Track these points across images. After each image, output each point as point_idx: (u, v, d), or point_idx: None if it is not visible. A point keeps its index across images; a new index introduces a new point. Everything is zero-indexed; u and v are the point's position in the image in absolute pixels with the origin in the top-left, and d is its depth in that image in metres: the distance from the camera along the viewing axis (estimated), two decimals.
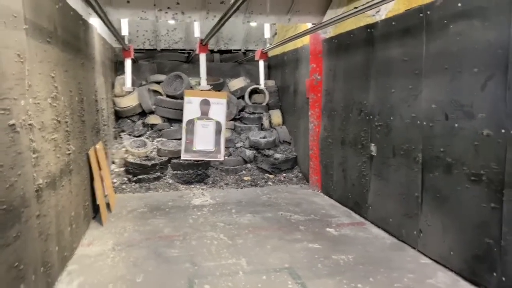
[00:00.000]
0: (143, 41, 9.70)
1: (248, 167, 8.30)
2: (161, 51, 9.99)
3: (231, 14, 4.62)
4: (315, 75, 7.23)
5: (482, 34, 3.51)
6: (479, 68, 3.55)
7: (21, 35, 2.95)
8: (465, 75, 3.71)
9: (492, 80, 3.42)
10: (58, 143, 3.92)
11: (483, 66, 3.50)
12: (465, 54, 3.72)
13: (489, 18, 3.44)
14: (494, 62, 3.40)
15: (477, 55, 3.58)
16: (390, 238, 4.98)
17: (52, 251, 3.63)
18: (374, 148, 5.40)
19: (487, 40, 3.46)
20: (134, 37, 9.50)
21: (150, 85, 9.02)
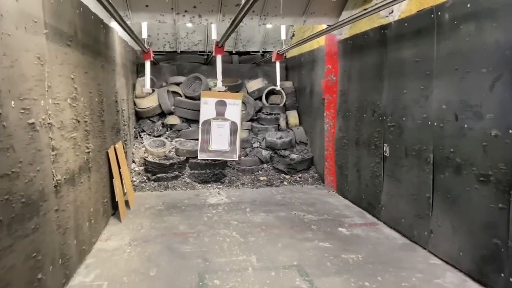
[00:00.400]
0: (164, 43, 9.92)
1: (264, 167, 8.39)
2: (181, 53, 10.20)
3: (242, 16, 4.72)
4: (331, 76, 7.27)
5: (491, 35, 3.52)
6: (487, 68, 3.55)
7: (41, 39, 3.14)
8: (474, 76, 3.72)
9: (500, 81, 3.42)
10: (77, 141, 4.11)
11: (492, 66, 3.51)
12: (474, 55, 3.72)
13: (497, 19, 3.45)
14: (502, 62, 3.40)
15: (485, 55, 3.58)
16: (401, 238, 4.99)
17: (70, 244, 3.81)
18: (387, 148, 5.42)
19: (495, 40, 3.46)
20: (154, 39, 9.74)
21: (170, 87, 9.24)
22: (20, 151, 2.70)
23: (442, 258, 4.27)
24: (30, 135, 2.88)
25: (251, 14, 6.67)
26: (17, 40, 2.70)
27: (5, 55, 2.50)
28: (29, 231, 2.84)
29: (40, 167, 3.06)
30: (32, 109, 2.92)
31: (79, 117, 4.20)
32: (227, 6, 6.41)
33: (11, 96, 2.58)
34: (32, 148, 2.90)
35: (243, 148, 8.63)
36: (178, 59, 10.19)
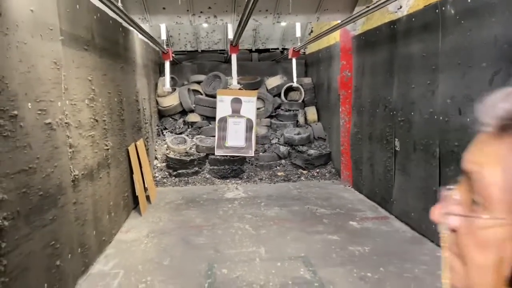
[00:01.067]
0: (185, 43, 10.21)
1: (282, 163, 8.54)
2: (202, 52, 10.46)
3: (247, 16, 4.87)
4: (345, 72, 7.33)
5: (490, 30, 3.55)
6: (487, 63, 3.58)
7: (57, 45, 3.41)
8: (475, 70, 3.75)
9: (499, 75, 3.45)
10: (95, 139, 4.40)
11: (491, 61, 3.54)
12: (475, 50, 3.75)
13: (496, 14, 3.47)
14: (501, 57, 3.43)
15: (485, 50, 3.61)
16: (411, 232, 5.04)
17: (89, 235, 4.10)
18: (397, 143, 5.47)
19: (494, 35, 3.49)
20: (176, 40, 10.04)
21: (191, 85, 9.51)
22: (37, 149, 2.98)
23: None
24: (46, 134, 3.15)
25: (264, 13, 6.83)
26: (33, 47, 2.97)
27: (21, 62, 2.77)
28: (47, 222, 3.12)
29: (58, 163, 3.33)
30: (48, 110, 3.20)
31: (97, 117, 4.49)
32: (240, 6, 6.58)
33: (28, 99, 2.85)
34: (49, 146, 3.18)
35: (262, 144, 8.81)
36: (199, 58, 10.45)
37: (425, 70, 4.66)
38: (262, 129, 9.10)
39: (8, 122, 2.56)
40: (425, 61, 4.66)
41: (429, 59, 4.56)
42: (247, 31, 9.98)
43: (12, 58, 2.65)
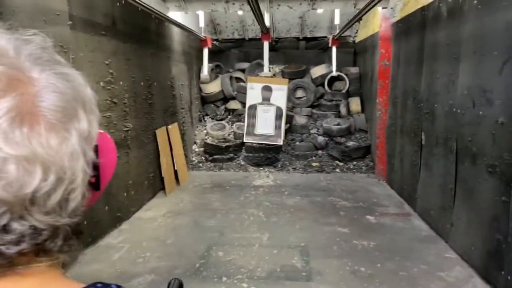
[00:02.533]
0: (232, 31, 10.34)
1: (319, 154, 8.40)
2: (249, 40, 10.52)
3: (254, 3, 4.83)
4: (384, 61, 7.00)
5: (502, 15, 3.21)
6: (498, 51, 3.26)
7: (64, 29, 3.66)
8: (488, 59, 3.43)
9: (509, 63, 3.12)
10: (111, 120, 4.66)
11: (502, 48, 3.21)
12: (488, 37, 3.43)
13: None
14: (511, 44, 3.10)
15: (497, 37, 3.29)
16: (428, 230, 4.76)
17: (99, 208, 4.38)
18: (423, 136, 5.16)
19: (505, 21, 3.16)
20: (223, 27, 10.21)
21: (234, 73, 9.64)
22: None
23: (458, 253, 4.03)
24: None
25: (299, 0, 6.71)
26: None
27: None
28: None
29: None
30: None
31: (115, 99, 4.74)
32: None
33: None
34: None
35: (300, 134, 8.72)
36: (246, 46, 10.53)
37: (448, 60, 4.33)
38: (302, 118, 9.00)
39: None
40: (449, 50, 4.33)
41: (452, 48, 4.23)
42: (294, 19, 9.89)
43: None
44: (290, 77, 9.38)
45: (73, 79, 0.51)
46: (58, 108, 0.48)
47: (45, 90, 0.47)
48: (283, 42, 10.48)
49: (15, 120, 0.44)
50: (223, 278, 3.64)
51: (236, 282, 3.56)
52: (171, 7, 6.84)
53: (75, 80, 0.51)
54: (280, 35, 10.39)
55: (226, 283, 3.56)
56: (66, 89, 0.49)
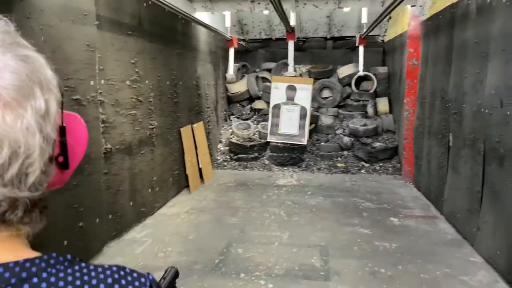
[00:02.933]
0: (259, 31, 10.38)
1: (344, 154, 8.31)
2: (276, 40, 10.53)
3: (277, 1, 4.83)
4: (412, 60, 6.87)
5: None
6: None
7: (91, 29, 3.78)
8: None
9: None
10: (137, 117, 4.78)
11: None
12: None
13: None
14: None
15: None
16: (454, 234, 4.64)
17: (123, 204, 4.50)
18: (451, 137, 5.03)
19: None
20: (250, 28, 10.26)
21: (260, 73, 9.68)
22: None
23: (484, 257, 3.91)
24: (74, 109, 3.53)
25: None
26: (61, 30, 3.34)
27: (46, 43, 3.15)
28: (71, 186, 3.51)
29: None
30: (78, 88, 3.58)
31: (140, 97, 4.86)
32: None
33: None
34: None
35: (326, 134, 8.66)
36: (273, 45, 10.55)
37: (476, 58, 4.21)
38: (327, 119, 8.94)
39: None
40: (477, 48, 4.21)
41: (480, 46, 4.11)
42: (322, 18, 9.83)
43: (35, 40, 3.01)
44: (316, 77, 9.33)
45: (33, 61, 0.55)
46: (14, 87, 0.51)
47: (2, 71, 0.51)
48: (310, 42, 10.43)
49: None
50: (241, 274, 3.67)
51: (254, 279, 3.58)
52: (197, 7, 6.94)
53: (34, 62, 0.55)
54: (307, 35, 10.35)
55: (244, 279, 3.59)
56: (23, 69, 0.52)
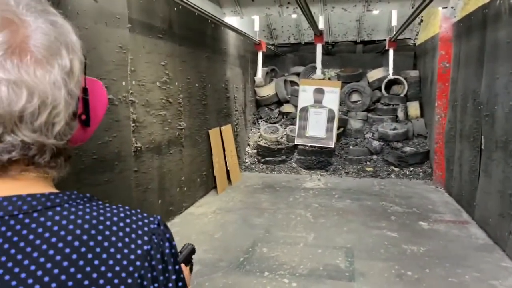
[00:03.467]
0: (288, 35, 10.42)
1: (373, 158, 8.21)
2: (305, 44, 10.54)
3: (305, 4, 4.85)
4: (444, 63, 6.74)
5: None
6: None
7: (124, 32, 3.93)
8: None
9: None
10: (166, 118, 4.91)
11: None
12: None
13: None
14: None
15: None
16: (486, 239, 4.51)
17: (152, 201, 4.62)
18: (483, 140, 4.90)
19: None
20: (279, 32, 10.32)
21: (288, 76, 9.71)
22: None
23: None
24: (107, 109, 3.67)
25: (353, 1, 6.66)
26: (95, 32, 3.50)
27: None
28: (101, 182, 3.65)
29: (118, 134, 3.85)
30: (110, 87, 3.72)
31: (170, 98, 4.99)
32: None
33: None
34: (107, 118, 3.70)
35: (355, 138, 8.59)
36: (302, 50, 10.57)
37: (509, 58, 4.10)
38: (357, 122, 8.86)
39: None
40: (509, 48, 4.10)
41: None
42: (351, 22, 9.77)
43: None
44: (345, 80, 9.27)
45: (61, 26, 0.62)
46: (44, 46, 0.59)
47: (35, 32, 0.59)
48: (339, 46, 10.39)
49: (7, 51, 0.56)
50: (265, 272, 3.69)
51: (278, 278, 3.60)
52: (227, 12, 7.06)
53: (62, 27, 0.62)
54: (336, 39, 10.31)
55: (268, 277, 3.61)
56: (52, 32, 0.60)
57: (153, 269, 0.63)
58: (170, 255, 0.66)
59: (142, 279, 0.61)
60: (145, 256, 0.62)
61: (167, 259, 0.65)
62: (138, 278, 0.60)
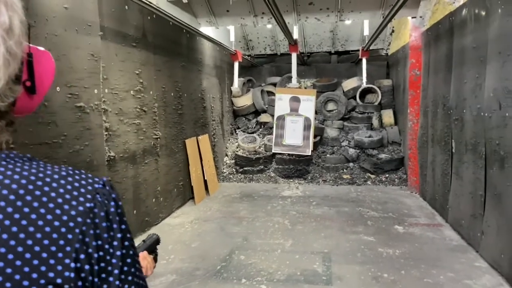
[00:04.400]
0: (264, 46, 10.52)
1: (350, 166, 8.30)
2: (281, 55, 10.66)
3: (278, 15, 4.91)
4: (415, 71, 6.91)
5: None
6: None
7: (95, 39, 3.89)
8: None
9: None
10: (141, 127, 4.85)
11: None
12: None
13: None
14: None
15: None
16: (459, 240, 4.58)
17: (127, 212, 4.46)
18: (453, 144, 5.02)
19: None
20: (255, 43, 10.41)
21: (265, 87, 9.78)
22: (64, 127, 3.44)
23: (489, 261, 3.85)
24: (77, 116, 3.62)
25: (326, 12, 6.78)
26: (66, 39, 3.45)
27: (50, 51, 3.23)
28: None
29: (90, 143, 3.79)
30: (81, 95, 3.66)
31: (145, 107, 4.95)
32: (300, 5, 6.65)
33: (56, 83, 3.33)
34: (79, 126, 3.64)
35: (332, 147, 8.67)
36: (278, 60, 10.68)
37: (475, 63, 4.24)
38: (333, 131, 8.96)
39: None
40: (475, 53, 4.24)
41: (478, 51, 4.15)
42: (325, 33, 9.95)
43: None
44: (321, 90, 9.39)
45: None
46: None
47: None
48: (314, 57, 10.55)
49: None
50: (242, 279, 3.66)
51: (255, 284, 3.57)
52: (202, 22, 7.09)
53: None
54: (311, 50, 10.47)
55: (245, 284, 3.57)
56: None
57: (96, 227, 0.63)
58: (115, 214, 0.66)
59: (84, 235, 0.61)
60: (88, 213, 0.62)
61: (112, 217, 0.66)
62: (79, 234, 0.60)
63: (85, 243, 0.60)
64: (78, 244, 0.59)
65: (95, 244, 0.62)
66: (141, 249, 1.29)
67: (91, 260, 0.61)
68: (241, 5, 6.71)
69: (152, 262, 1.26)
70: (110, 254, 0.64)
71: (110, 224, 0.65)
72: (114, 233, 0.65)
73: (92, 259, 0.61)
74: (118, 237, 0.65)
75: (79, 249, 0.59)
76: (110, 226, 0.65)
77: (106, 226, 0.64)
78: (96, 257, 0.62)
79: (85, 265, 0.60)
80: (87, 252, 0.60)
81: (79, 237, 0.60)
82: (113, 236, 0.65)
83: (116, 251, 0.65)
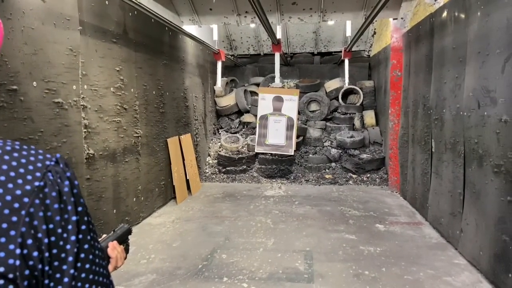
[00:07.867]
0: (247, 47, 10.51)
1: (332, 166, 8.33)
2: (264, 56, 10.66)
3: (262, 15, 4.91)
4: (396, 72, 6.98)
5: (503, 13, 3.19)
6: (500, 49, 3.22)
7: (74, 34, 3.81)
8: (491, 58, 3.39)
9: (511, 61, 3.08)
10: (121, 125, 4.77)
11: (503, 47, 3.18)
12: (490, 36, 3.40)
13: None
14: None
15: (499, 35, 3.26)
16: (439, 238, 4.64)
17: (106, 211, 4.45)
18: (433, 143, 5.08)
19: (506, 18, 3.14)
20: (239, 43, 10.39)
21: (249, 87, 9.76)
22: (41, 123, 3.35)
23: (468, 259, 3.91)
24: (55, 112, 3.53)
25: (309, 12, 6.81)
26: (43, 33, 3.37)
27: (26, 44, 3.17)
28: None
29: (68, 140, 3.70)
30: (59, 91, 3.58)
31: (125, 105, 4.87)
32: (283, 5, 6.66)
33: (33, 77, 3.24)
34: (57, 122, 3.55)
35: (314, 147, 8.70)
36: (261, 61, 10.67)
37: (455, 63, 4.30)
38: (315, 131, 8.99)
39: (5, 95, 2.94)
40: (455, 53, 4.30)
41: (458, 51, 4.21)
42: (308, 34, 9.99)
43: (14, 40, 3.05)
44: (304, 90, 9.42)
45: None
46: None
47: None
48: (297, 57, 10.58)
49: None
50: (224, 278, 3.62)
51: (237, 282, 3.54)
52: (185, 20, 7.03)
53: None
54: (295, 50, 10.50)
55: (227, 283, 3.54)
56: None
57: (46, 208, 0.56)
58: (69, 194, 0.59)
59: (32, 217, 0.54)
60: (36, 193, 0.56)
61: (66, 198, 0.59)
62: (25, 216, 0.53)
63: (33, 227, 0.53)
64: (24, 227, 0.53)
65: (45, 228, 0.55)
66: (110, 239, 1.25)
67: (41, 246, 0.54)
68: (224, 3, 6.68)
69: (122, 252, 1.22)
70: (63, 239, 0.57)
71: (63, 205, 0.58)
72: (69, 216, 0.58)
73: (42, 245, 0.54)
74: (73, 220, 0.59)
75: (25, 233, 0.53)
76: (64, 208, 0.58)
77: (59, 208, 0.57)
78: (46, 243, 0.55)
79: (33, 252, 0.53)
80: (36, 237, 0.54)
81: (26, 219, 0.53)
82: (67, 219, 0.58)
83: (70, 235, 0.58)
